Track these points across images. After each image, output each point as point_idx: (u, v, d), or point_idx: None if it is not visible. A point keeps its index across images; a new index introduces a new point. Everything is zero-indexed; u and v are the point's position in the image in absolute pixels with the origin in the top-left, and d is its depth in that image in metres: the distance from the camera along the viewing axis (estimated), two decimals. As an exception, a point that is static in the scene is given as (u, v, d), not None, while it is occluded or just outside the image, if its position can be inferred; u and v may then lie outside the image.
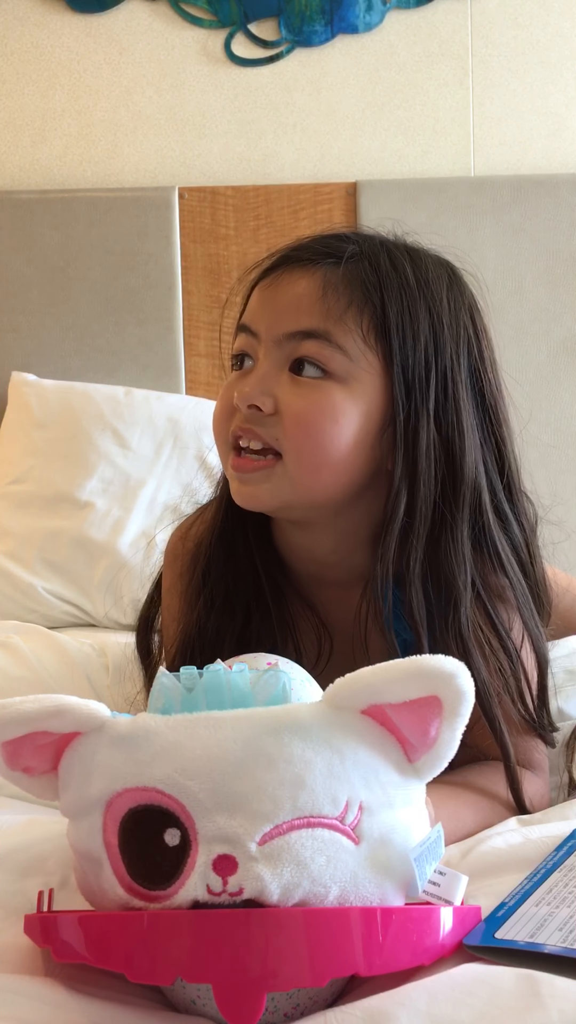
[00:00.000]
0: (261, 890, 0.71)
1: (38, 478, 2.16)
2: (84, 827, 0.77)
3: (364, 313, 1.10)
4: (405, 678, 0.74)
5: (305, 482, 1.10)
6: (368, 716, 0.77)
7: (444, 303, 1.14)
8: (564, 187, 2.40)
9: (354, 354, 1.10)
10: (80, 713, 0.77)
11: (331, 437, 1.09)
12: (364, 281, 1.12)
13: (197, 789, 0.72)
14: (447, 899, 0.79)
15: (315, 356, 1.09)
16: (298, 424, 1.09)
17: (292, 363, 1.10)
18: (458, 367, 1.13)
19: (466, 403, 1.13)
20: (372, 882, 0.75)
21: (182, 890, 0.72)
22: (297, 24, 2.42)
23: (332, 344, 1.09)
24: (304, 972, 0.70)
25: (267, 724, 0.74)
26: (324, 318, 1.10)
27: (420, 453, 1.11)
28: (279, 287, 1.13)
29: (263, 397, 1.10)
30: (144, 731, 0.75)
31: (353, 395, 1.10)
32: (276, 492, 1.11)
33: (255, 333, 1.13)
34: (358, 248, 1.14)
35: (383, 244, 1.17)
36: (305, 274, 1.12)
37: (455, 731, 0.77)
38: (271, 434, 1.10)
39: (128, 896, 0.74)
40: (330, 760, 0.74)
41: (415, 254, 1.17)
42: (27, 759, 0.80)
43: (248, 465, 1.11)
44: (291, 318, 1.11)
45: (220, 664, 0.80)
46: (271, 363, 1.11)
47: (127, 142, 2.45)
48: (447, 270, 1.18)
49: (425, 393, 1.11)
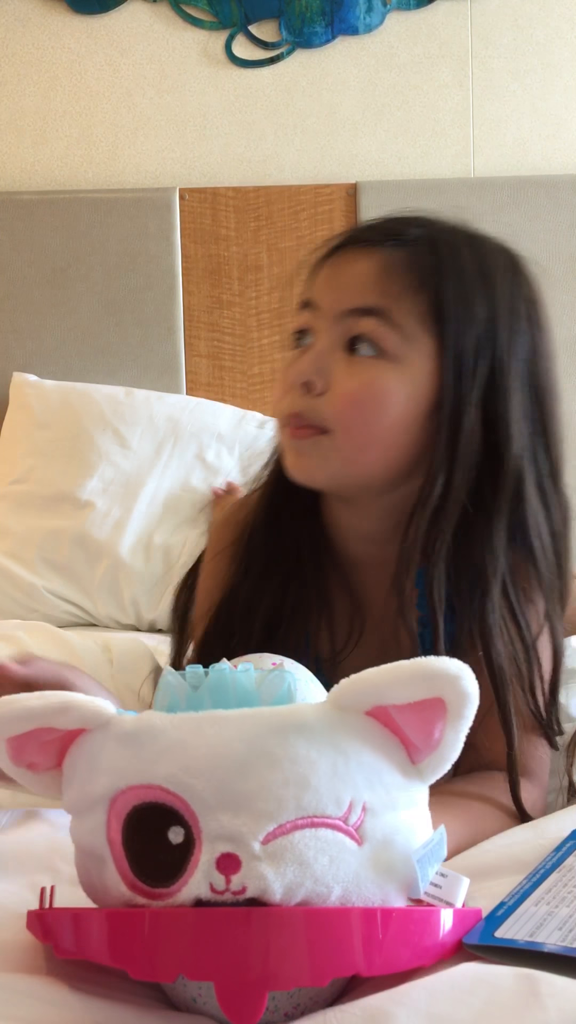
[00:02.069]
0: (264, 889, 0.72)
1: (39, 478, 2.16)
2: (87, 824, 0.77)
3: (421, 295, 1.12)
4: (409, 680, 0.74)
5: (353, 456, 1.13)
6: (372, 717, 0.77)
7: (502, 293, 1.16)
8: (564, 188, 2.41)
9: (409, 334, 1.12)
10: (85, 710, 0.77)
11: (379, 416, 1.11)
12: (423, 265, 1.13)
13: (201, 787, 0.72)
14: (448, 901, 0.79)
15: (371, 334, 1.11)
16: (348, 403, 1.11)
17: (348, 341, 1.13)
18: (509, 357, 1.14)
19: (517, 394, 1.14)
20: (374, 883, 0.75)
21: (185, 888, 0.72)
22: (298, 25, 2.42)
23: (390, 322, 1.11)
24: (305, 972, 0.71)
25: (272, 723, 0.74)
26: (383, 296, 1.12)
27: (462, 439, 1.12)
28: (341, 265, 1.15)
29: (316, 376, 1.12)
30: (149, 729, 0.75)
31: (404, 376, 1.12)
32: (326, 463, 1.13)
33: (317, 306, 1.15)
34: (421, 232, 1.16)
35: (446, 230, 1.18)
36: (367, 254, 1.15)
37: (459, 733, 0.77)
38: (319, 414, 1.12)
39: (131, 893, 0.74)
40: (334, 760, 0.74)
41: (477, 242, 1.18)
42: (31, 755, 0.80)
43: (301, 432, 1.13)
44: (352, 295, 1.13)
45: (226, 663, 0.80)
46: (328, 340, 1.13)
47: (128, 143, 2.45)
48: (509, 260, 1.20)
49: (472, 380, 1.12)
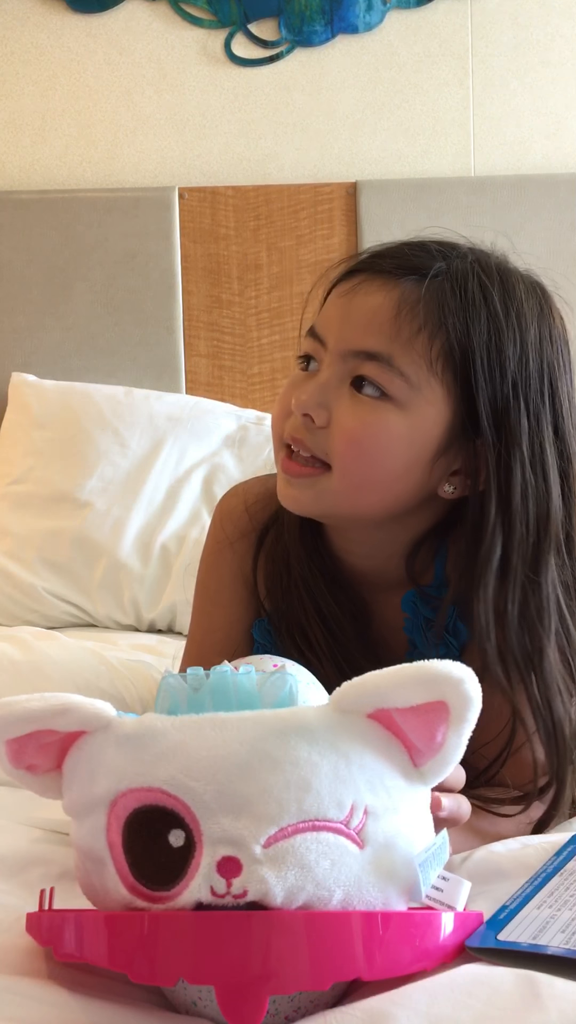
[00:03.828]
0: (265, 893, 0.71)
1: (38, 478, 2.15)
2: (87, 826, 0.76)
3: (436, 339, 1.07)
4: (412, 683, 0.74)
5: (350, 498, 1.09)
6: (375, 720, 0.76)
7: (533, 336, 1.10)
8: (564, 187, 2.40)
9: (415, 381, 1.07)
10: (85, 712, 0.77)
11: (380, 460, 1.08)
12: (443, 305, 1.08)
13: (202, 790, 0.72)
14: (450, 904, 0.79)
15: (375, 378, 1.07)
16: (348, 442, 1.07)
17: (353, 379, 1.08)
18: (543, 404, 1.09)
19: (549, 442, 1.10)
20: (376, 886, 0.75)
21: (186, 891, 0.72)
22: (297, 24, 2.42)
23: (393, 369, 1.07)
24: (306, 975, 0.70)
25: (273, 726, 0.74)
26: (391, 341, 1.07)
27: (514, 492, 1.07)
28: (355, 298, 1.10)
29: (318, 409, 1.08)
30: (150, 731, 0.75)
31: (410, 420, 1.07)
32: (319, 500, 1.10)
33: (323, 341, 1.11)
34: (445, 266, 1.10)
35: (474, 264, 1.12)
36: (383, 288, 1.09)
37: (461, 737, 0.76)
38: (321, 447, 1.09)
39: (131, 896, 0.74)
40: (336, 764, 0.74)
41: (507, 277, 1.12)
42: (31, 757, 0.80)
43: (296, 469, 1.10)
44: (359, 335, 1.08)
45: (227, 665, 0.80)
46: (333, 374, 1.09)
47: (127, 142, 2.45)
48: (539, 297, 1.14)
49: (516, 431, 1.08)
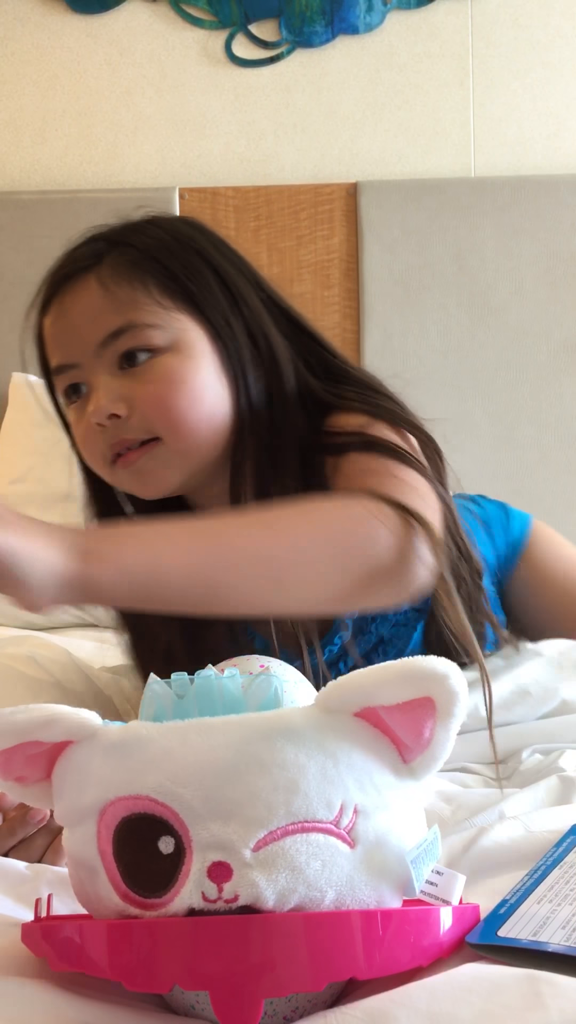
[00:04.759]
0: (256, 896, 0.71)
1: (38, 478, 2.16)
2: (78, 835, 0.76)
3: (148, 285, 1.18)
4: (397, 680, 0.74)
5: (190, 449, 1.18)
6: (361, 718, 0.76)
7: (206, 246, 1.25)
8: (564, 187, 2.40)
9: (164, 323, 1.18)
10: (71, 722, 0.77)
11: (189, 401, 1.16)
12: (130, 262, 1.19)
13: (190, 796, 0.72)
14: (445, 899, 0.79)
15: (136, 343, 1.17)
16: (157, 405, 1.16)
17: (121, 359, 1.17)
18: (249, 293, 1.24)
19: (266, 316, 1.25)
20: (368, 885, 0.75)
21: (177, 898, 0.72)
22: (297, 25, 2.42)
23: (140, 326, 1.17)
24: (303, 976, 0.70)
25: (259, 729, 0.73)
26: (119, 310, 1.17)
27: (247, 373, 1.21)
28: (65, 309, 1.21)
29: (117, 403, 1.16)
30: (136, 739, 0.75)
31: (184, 355, 1.18)
32: (169, 466, 1.18)
33: (72, 363, 1.19)
34: (105, 244, 1.22)
35: (128, 227, 1.25)
36: (79, 285, 1.20)
37: (449, 731, 0.76)
38: (141, 429, 1.17)
39: (124, 904, 0.74)
40: (323, 764, 0.74)
41: (158, 220, 1.27)
42: (20, 769, 0.80)
43: (133, 455, 1.18)
44: (94, 327, 1.17)
45: (211, 669, 0.80)
46: (102, 370, 1.17)
47: (128, 143, 2.45)
48: (194, 226, 1.29)
49: (235, 323, 1.21)
